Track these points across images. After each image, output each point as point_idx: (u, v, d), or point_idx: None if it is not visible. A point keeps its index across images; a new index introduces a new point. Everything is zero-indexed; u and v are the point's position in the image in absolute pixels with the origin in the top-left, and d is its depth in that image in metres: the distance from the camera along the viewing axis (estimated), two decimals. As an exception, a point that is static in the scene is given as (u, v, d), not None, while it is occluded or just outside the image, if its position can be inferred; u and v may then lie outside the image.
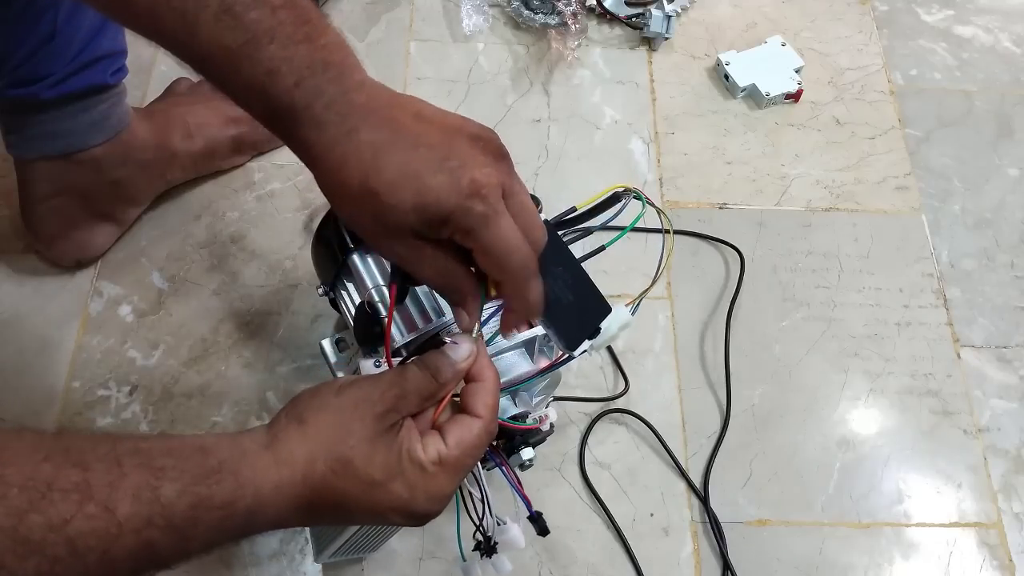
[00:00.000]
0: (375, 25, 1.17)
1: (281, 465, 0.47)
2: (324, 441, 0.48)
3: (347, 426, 0.49)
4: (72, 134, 0.86)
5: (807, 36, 1.21)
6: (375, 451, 0.49)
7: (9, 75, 0.82)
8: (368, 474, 0.48)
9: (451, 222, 0.47)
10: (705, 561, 0.85)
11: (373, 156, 0.47)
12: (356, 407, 0.49)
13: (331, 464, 0.48)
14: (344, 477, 0.48)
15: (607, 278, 0.98)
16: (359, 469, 0.48)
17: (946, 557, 0.87)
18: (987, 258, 1.05)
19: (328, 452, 0.48)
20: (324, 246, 0.76)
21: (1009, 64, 1.21)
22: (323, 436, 0.48)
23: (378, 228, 0.48)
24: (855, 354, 0.97)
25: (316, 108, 0.48)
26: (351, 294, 0.73)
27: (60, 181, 0.89)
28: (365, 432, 0.49)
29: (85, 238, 0.94)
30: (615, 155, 1.09)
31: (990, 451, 0.92)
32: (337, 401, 0.50)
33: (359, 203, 0.48)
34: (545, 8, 1.16)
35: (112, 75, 0.86)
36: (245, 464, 0.47)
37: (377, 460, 0.48)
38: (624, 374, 0.93)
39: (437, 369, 0.51)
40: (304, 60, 0.48)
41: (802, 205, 1.06)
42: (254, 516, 0.47)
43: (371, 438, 0.49)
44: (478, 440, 0.51)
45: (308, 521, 0.50)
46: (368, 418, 0.49)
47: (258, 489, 0.46)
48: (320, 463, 0.48)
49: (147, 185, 0.97)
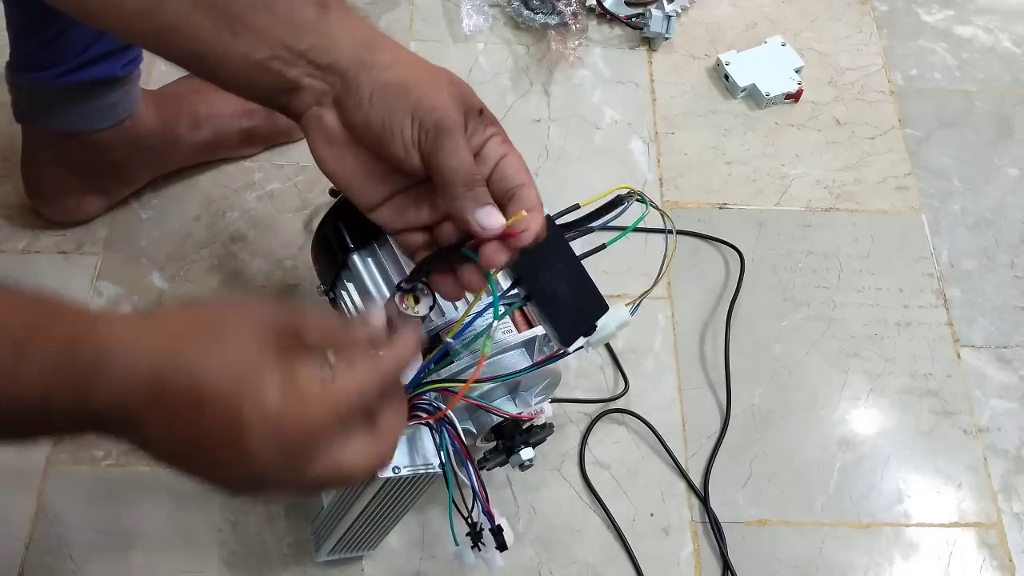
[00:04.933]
0: (375, 25, 1.17)
1: (148, 326, 0.42)
2: (205, 318, 0.43)
3: (237, 313, 0.44)
4: (78, 117, 0.88)
5: (807, 36, 1.21)
6: (258, 343, 0.42)
7: (20, 58, 0.84)
8: (241, 358, 0.41)
9: (497, 125, 0.55)
10: (705, 561, 0.85)
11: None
12: (254, 307, 0.45)
13: (204, 337, 0.41)
14: (214, 354, 0.41)
15: (608, 278, 0.98)
16: (233, 350, 0.41)
17: (946, 557, 0.87)
18: (987, 258, 1.05)
19: (206, 326, 0.42)
20: (324, 246, 0.76)
21: (1009, 64, 1.21)
22: (206, 314, 0.43)
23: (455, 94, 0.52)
24: (855, 354, 0.97)
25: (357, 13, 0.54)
26: (351, 294, 0.73)
27: (60, 154, 0.91)
28: (254, 325, 0.43)
29: (75, 206, 0.96)
30: (615, 155, 1.09)
31: (990, 451, 0.92)
32: (237, 301, 0.47)
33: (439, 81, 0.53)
34: (545, 8, 1.16)
35: (123, 67, 0.86)
36: (105, 315, 0.41)
37: (256, 350, 0.42)
38: (624, 374, 0.93)
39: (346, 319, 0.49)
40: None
41: (802, 205, 1.06)
42: (96, 369, 0.39)
43: (260, 340, 0.42)
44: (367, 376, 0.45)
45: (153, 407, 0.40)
46: (262, 319, 0.44)
47: (112, 335, 0.40)
48: (192, 335, 0.41)
49: (146, 169, 0.98)
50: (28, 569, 0.81)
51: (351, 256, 0.73)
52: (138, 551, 0.82)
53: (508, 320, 0.70)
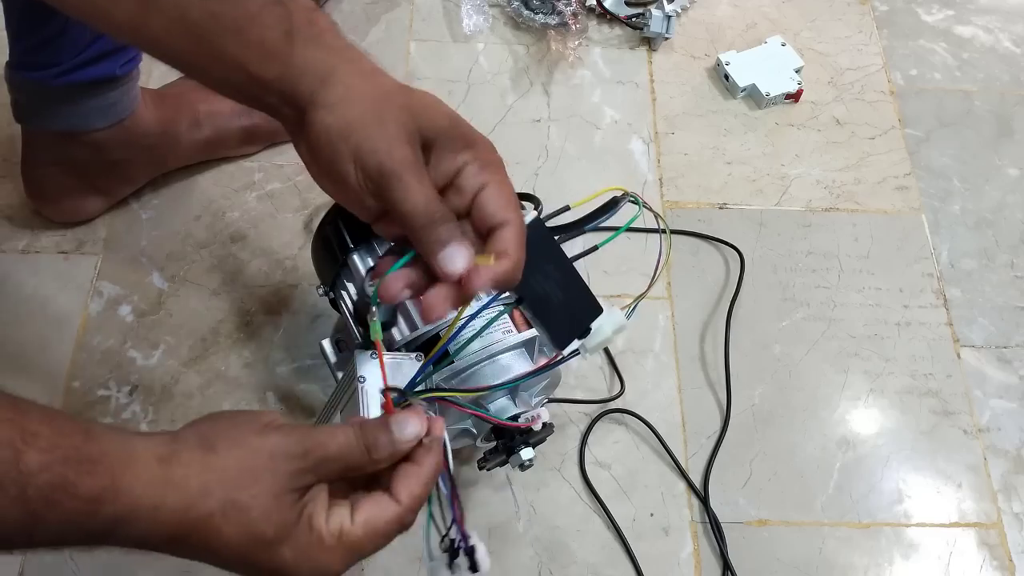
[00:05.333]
0: (375, 25, 1.17)
1: (169, 487, 0.43)
2: (226, 479, 0.44)
3: (256, 473, 0.45)
4: (77, 116, 0.88)
5: (807, 36, 1.21)
6: (276, 507, 0.45)
7: (19, 58, 0.84)
8: (260, 529, 0.44)
9: (475, 148, 0.50)
10: (705, 561, 0.85)
11: (404, 87, 0.51)
12: (273, 456, 0.45)
13: (225, 506, 0.44)
14: (234, 524, 0.44)
15: (606, 278, 0.98)
16: (253, 521, 0.44)
17: (946, 557, 0.87)
18: (987, 258, 1.05)
19: (226, 492, 0.44)
20: (324, 246, 0.76)
21: (1009, 64, 1.21)
22: (227, 474, 0.45)
23: (403, 120, 0.48)
24: (855, 354, 0.97)
25: (339, 32, 0.51)
26: (351, 294, 0.73)
27: (59, 154, 0.91)
28: (274, 485, 0.45)
29: (75, 206, 0.97)
30: (615, 155, 1.09)
31: (990, 451, 0.92)
32: (256, 442, 0.46)
33: (390, 97, 0.49)
34: (545, 8, 1.16)
35: (122, 67, 0.86)
36: (129, 469, 0.43)
37: (274, 517, 0.44)
38: (620, 375, 0.93)
39: (374, 444, 0.47)
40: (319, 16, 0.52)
41: (802, 205, 1.07)
42: (118, 527, 0.43)
43: (277, 493, 0.45)
44: (387, 528, 0.46)
45: (171, 552, 0.45)
46: (281, 472, 0.45)
47: (135, 501, 0.42)
48: (213, 500, 0.44)
49: (146, 168, 0.99)
50: (28, 569, 0.81)
51: (351, 256, 0.73)
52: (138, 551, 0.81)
53: (508, 320, 0.70)
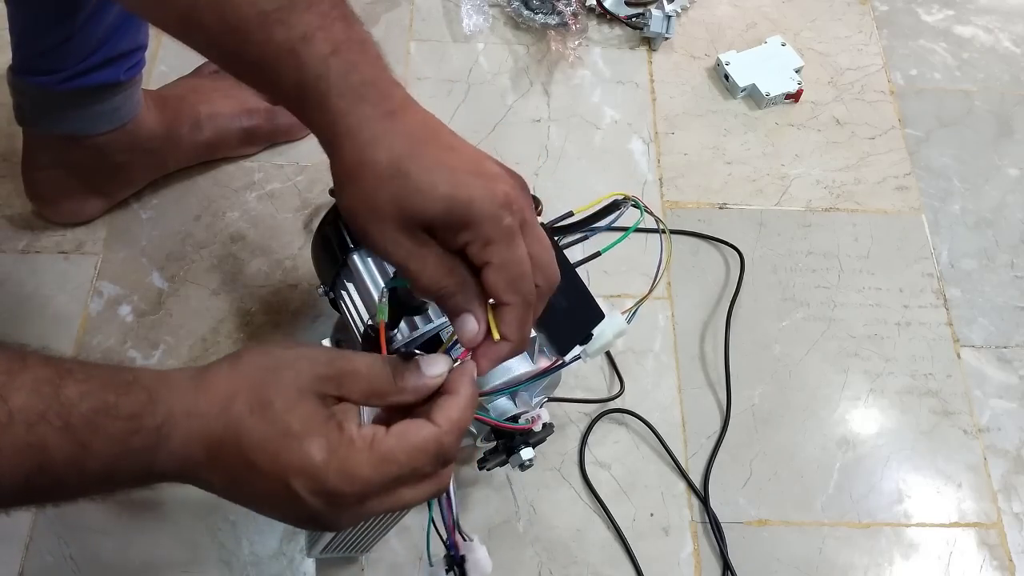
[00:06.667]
0: (375, 25, 1.17)
1: (200, 392, 0.44)
2: (250, 380, 0.45)
3: (278, 371, 0.45)
4: (80, 121, 0.88)
5: (807, 36, 1.21)
6: (301, 402, 0.44)
7: (23, 63, 0.84)
8: (285, 421, 0.44)
9: (476, 227, 0.45)
10: (705, 561, 0.85)
11: (410, 142, 0.46)
12: (297, 361, 0.46)
13: (250, 402, 0.44)
14: (260, 418, 0.44)
15: (607, 279, 0.98)
16: (277, 413, 0.44)
17: (946, 557, 0.87)
18: (987, 258, 1.05)
19: (251, 390, 0.44)
20: (324, 246, 0.76)
21: (1009, 64, 1.21)
22: (251, 376, 0.45)
23: (392, 212, 0.45)
24: (855, 354, 0.97)
25: (353, 80, 0.47)
26: (351, 294, 0.73)
27: (60, 156, 0.92)
28: (296, 380, 0.45)
29: (75, 208, 0.97)
30: (615, 155, 1.09)
31: (990, 451, 0.92)
32: (280, 352, 0.46)
33: (382, 183, 0.46)
34: (545, 8, 1.16)
35: (126, 72, 0.87)
36: (163, 384, 0.44)
37: (299, 411, 0.44)
38: (620, 375, 0.93)
39: (401, 372, 0.47)
40: (340, 34, 0.48)
41: (802, 205, 1.06)
42: (159, 441, 0.43)
43: (300, 388, 0.45)
44: (424, 443, 0.45)
45: (212, 468, 0.45)
46: (304, 372, 0.45)
47: (170, 409, 0.43)
48: (240, 400, 0.44)
49: (147, 170, 0.99)
50: (28, 569, 0.81)
51: (351, 256, 0.73)
52: (138, 551, 0.82)
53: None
